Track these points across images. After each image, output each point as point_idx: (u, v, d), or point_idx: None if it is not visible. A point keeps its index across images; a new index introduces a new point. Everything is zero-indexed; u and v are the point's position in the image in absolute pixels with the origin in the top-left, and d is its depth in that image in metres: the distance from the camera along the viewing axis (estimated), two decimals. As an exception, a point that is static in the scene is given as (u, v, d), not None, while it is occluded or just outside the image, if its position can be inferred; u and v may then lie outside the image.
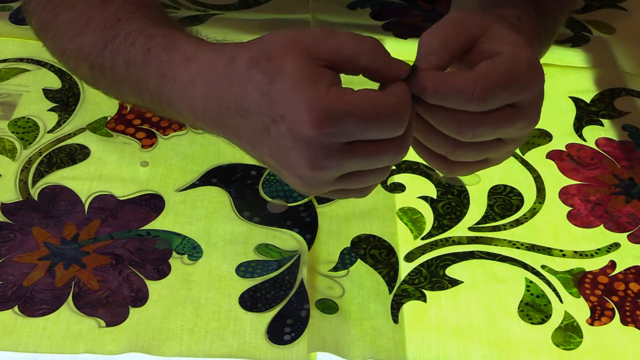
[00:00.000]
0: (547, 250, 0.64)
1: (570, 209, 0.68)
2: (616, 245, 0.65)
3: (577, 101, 0.79)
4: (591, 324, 0.59)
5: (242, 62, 0.46)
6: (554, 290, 0.61)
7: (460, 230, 0.66)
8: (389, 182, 0.69)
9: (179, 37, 0.52)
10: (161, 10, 0.58)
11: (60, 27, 0.57)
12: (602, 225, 0.67)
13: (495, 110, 0.46)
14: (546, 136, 0.75)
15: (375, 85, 0.46)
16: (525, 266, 0.63)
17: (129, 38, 0.53)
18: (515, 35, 0.47)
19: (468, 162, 0.50)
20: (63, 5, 0.57)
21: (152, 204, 0.66)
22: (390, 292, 0.61)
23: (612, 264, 0.64)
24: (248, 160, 0.68)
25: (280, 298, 0.60)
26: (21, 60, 0.80)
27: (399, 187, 0.69)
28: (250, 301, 0.59)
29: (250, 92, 0.45)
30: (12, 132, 0.72)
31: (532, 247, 0.65)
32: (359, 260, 0.63)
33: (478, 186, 0.69)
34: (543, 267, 0.63)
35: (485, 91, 0.45)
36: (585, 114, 0.78)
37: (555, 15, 0.63)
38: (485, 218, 0.67)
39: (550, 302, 0.61)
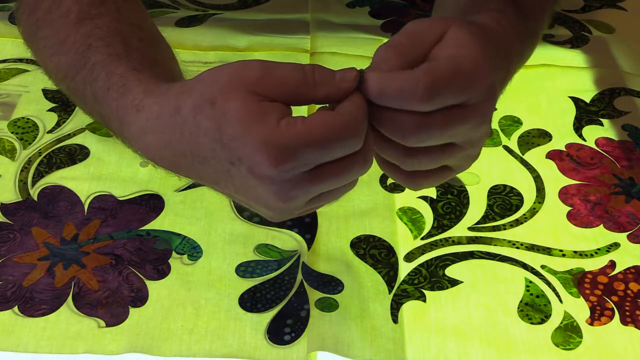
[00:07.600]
0: (546, 250, 0.64)
1: (570, 208, 0.68)
2: (616, 245, 0.65)
3: (576, 101, 0.79)
4: (591, 324, 0.59)
5: (187, 111, 0.45)
6: (554, 290, 0.61)
7: (460, 230, 0.66)
8: (388, 182, 0.69)
9: (132, 80, 0.51)
10: (130, 34, 0.57)
11: (41, 42, 0.57)
12: (601, 225, 0.67)
13: (441, 111, 0.45)
14: (546, 136, 0.75)
15: None
16: (525, 266, 0.63)
17: (94, 71, 0.53)
18: (470, 37, 0.46)
19: (428, 172, 0.49)
20: (43, 20, 0.57)
21: (152, 204, 0.66)
22: (389, 292, 0.61)
23: (612, 264, 0.64)
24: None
25: (280, 298, 0.60)
26: (20, 60, 0.80)
27: (398, 187, 0.69)
28: (250, 301, 0.59)
29: (202, 139, 0.45)
30: (12, 133, 0.72)
31: (532, 247, 0.65)
32: (358, 260, 0.63)
33: (478, 186, 0.69)
34: (543, 267, 0.63)
35: (429, 88, 0.43)
36: (585, 113, 0.78)
37: (537, 17, 0.62)
38: (485, 218, 0.67)
39: (550, 302, 0.61)
